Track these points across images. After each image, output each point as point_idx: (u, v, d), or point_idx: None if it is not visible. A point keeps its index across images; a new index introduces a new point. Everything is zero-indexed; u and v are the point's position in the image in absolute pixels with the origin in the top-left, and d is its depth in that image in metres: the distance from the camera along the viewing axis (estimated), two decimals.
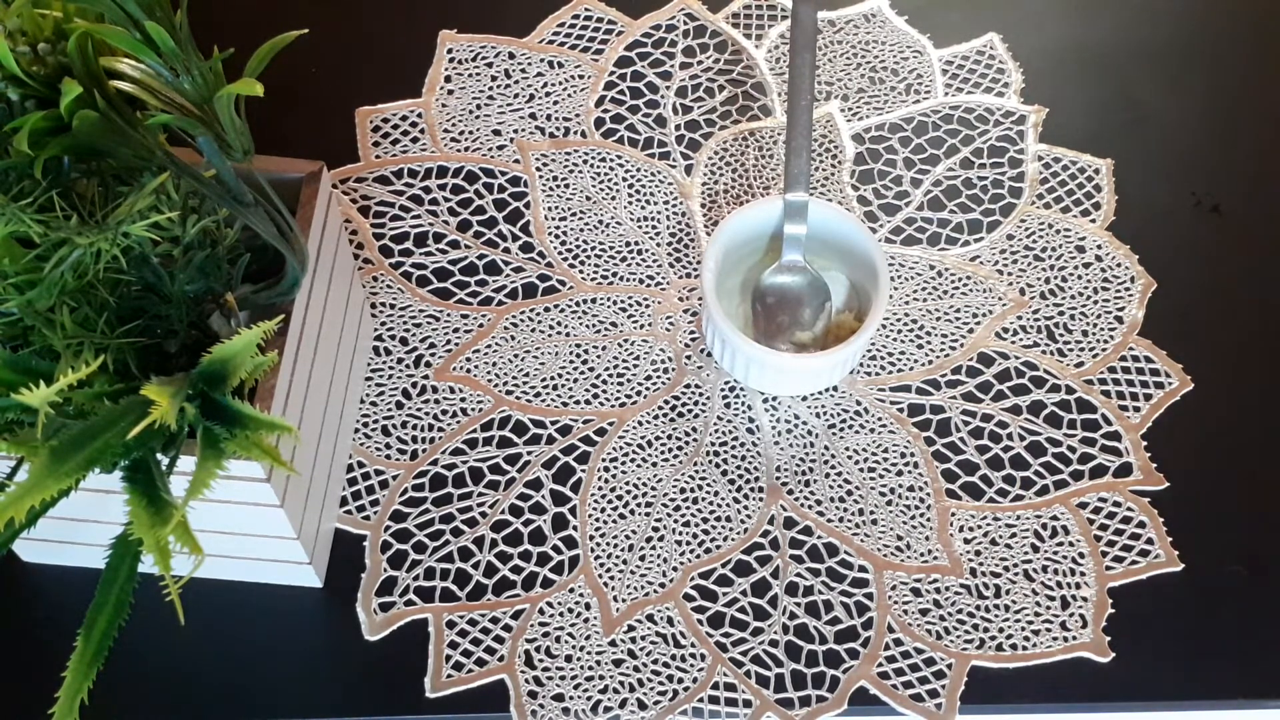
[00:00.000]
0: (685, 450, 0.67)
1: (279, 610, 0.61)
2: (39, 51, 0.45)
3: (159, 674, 0.59)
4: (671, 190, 0.76)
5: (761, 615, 0.62)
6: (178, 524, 0.44)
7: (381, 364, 0.69)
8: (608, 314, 0.71)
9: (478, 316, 0.70)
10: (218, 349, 0.46)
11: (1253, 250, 0.74)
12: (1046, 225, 0.74)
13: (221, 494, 0.47)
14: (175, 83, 0.47)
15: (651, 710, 0.59)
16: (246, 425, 0.46)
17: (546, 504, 0.65)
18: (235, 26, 0.58)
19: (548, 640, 0.61)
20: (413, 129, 0.77)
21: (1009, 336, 0.70)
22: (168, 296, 0.52)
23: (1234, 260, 0.74)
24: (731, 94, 0.80)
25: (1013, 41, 0.81)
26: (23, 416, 0.46)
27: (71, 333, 0.48)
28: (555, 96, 0.79)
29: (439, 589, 0.62)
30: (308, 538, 0.59)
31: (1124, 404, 0.68)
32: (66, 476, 0.43)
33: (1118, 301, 0.72)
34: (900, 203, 0.75)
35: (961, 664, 0.60)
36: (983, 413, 0.68)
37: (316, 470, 0.60)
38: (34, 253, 0.47)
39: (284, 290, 0.56)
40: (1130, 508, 0.65)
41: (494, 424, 0.67)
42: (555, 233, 0.74)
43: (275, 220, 0.54)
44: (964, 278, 0.73)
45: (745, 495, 0.65)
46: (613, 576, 0.63)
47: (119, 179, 0.51)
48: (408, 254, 0.73)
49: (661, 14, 0.83)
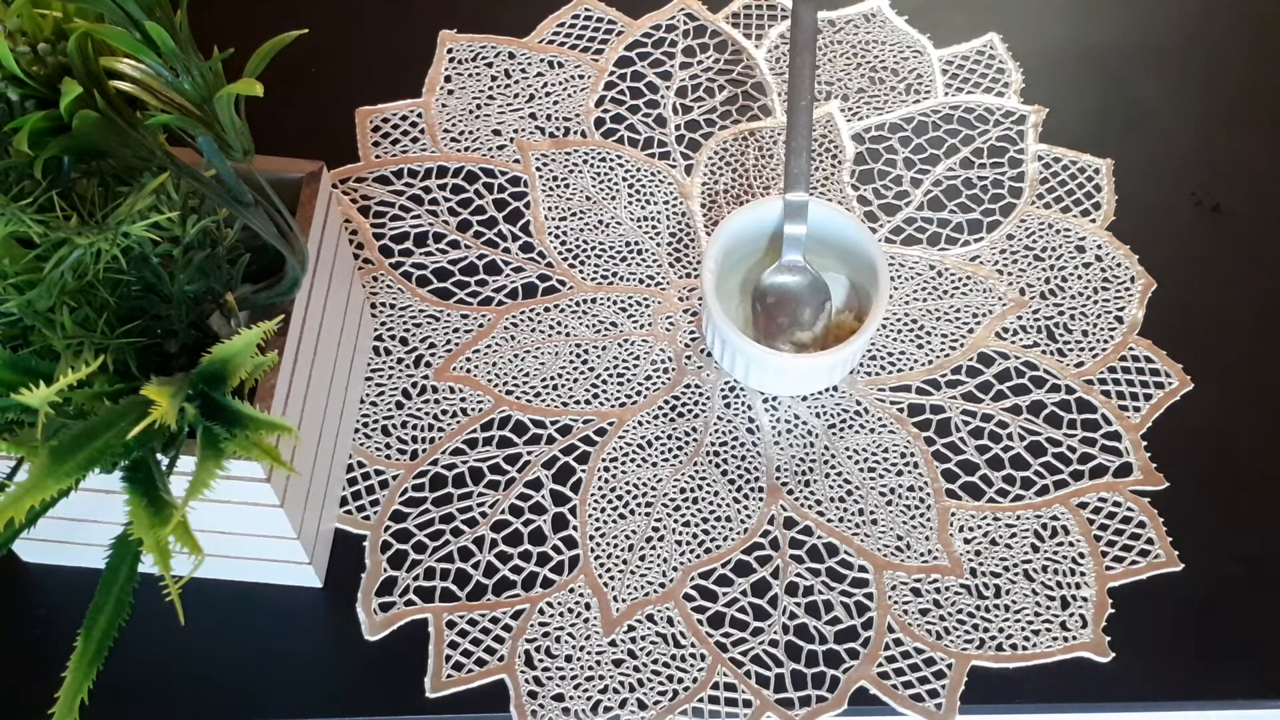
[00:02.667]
0: (685, 450, 0.67)
1: (279, 610, 0.61)
2: (39, 51, 0.45)
3: (159, 674, 0.59)
4: (671, 190, 0.76)
5: (761, 615, 0.62)
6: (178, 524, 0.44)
7: (381, 364, 0.69)
8: (608, 314, 0.71)
9: (478, 316, 0.70)
10: (218, 349, 0.46)
11: (1253, 250, 0.74)
12: (1046, 225, 0.74)
13: (221, 494, 0.47)
14: (175, 83, 0.47)
15: (651, 710, 0.59)
16: (246, 425, 0.46)
17: (546, 504, 0.65)
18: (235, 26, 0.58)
19: (548, 640, 0.61)
20: (413, 129, 0.77)
21: (1009, 336, 0.70)
22: (168, 296, 0.52)
23: (1234, 260, 0.74)
24: (731, 94, 0.80)
25: (1013, 41, 0.81)
26: (23, 416, 0.46)
27: (71, 333, 0.48)
28: (555, 96, 0.79)
29: (439, 589, 0.62)
30: (308, 538, 0.59)
31: (1124, 404, 0.68)
32: (66, 476, 0.43)
33: (1118, 301, 0.72)
34: (900, 203, 0.75)
35: (961, 664, 0.60)
36: (983, 413, 0.68)
37: (316, 470, 0.60)
38: (34, 253, 0.47)
39: (284, 290, 0.56)
40: (1130, 508, 0.65)
41: (494, 424, 0.67)
42: (555, 233, 0.74)
43: (275, 220, 0.54)
44: (964, 278, 0.73)
45: (745, 495, 0.65)
46: (613, 576, 0.63)
47: (119, 179, 0.51)
48: (408, 254, 0.73)
49: (661, 14, 0.83)
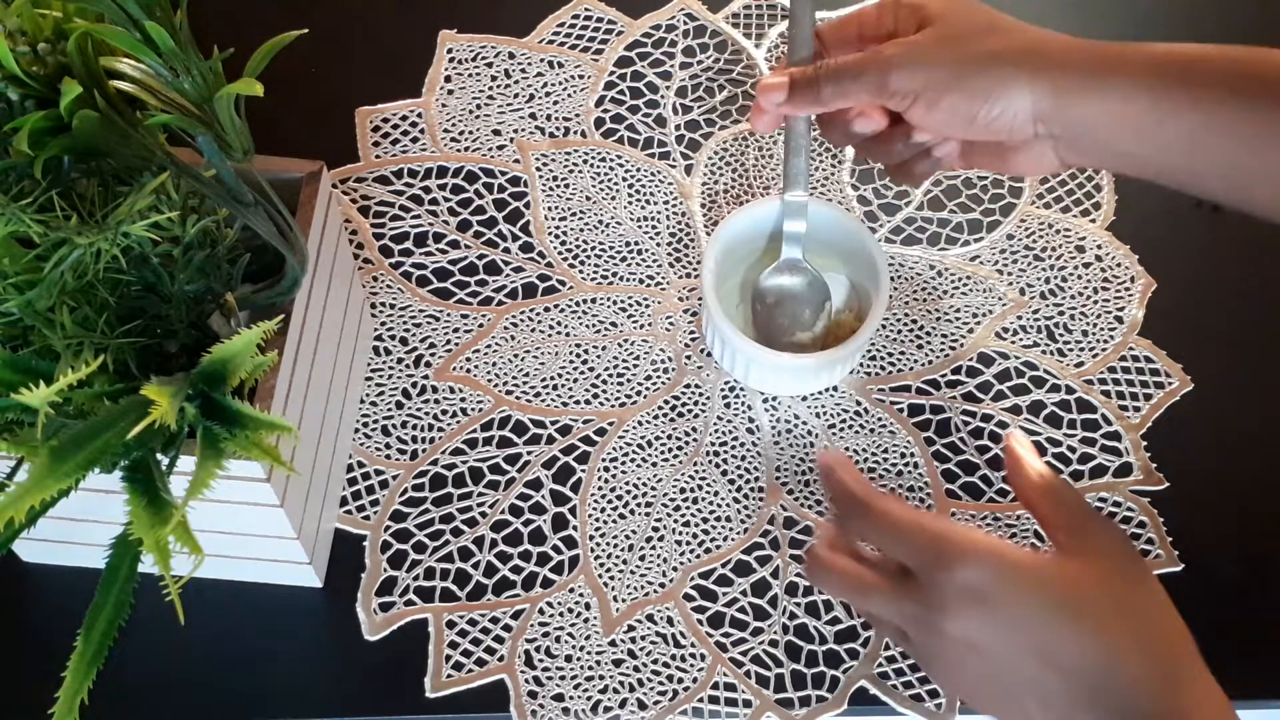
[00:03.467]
0: (685, 450, 0.67)
1: (279, 610, 0.61)
2: (39, 51, 0.45)
3: (159, 674, 0.59)
4: (671, 190, 0.76)
5: (761, 615, 0.62)
6: (177, 524, 0.44)
7: (381, 364, 0.69)
8: (608, 314, 0.71)
9: (478, 316, 0.70)
10: (218, 349, 0.46)
11: (1252, 250, 0.74)
12: (1046, 225, 0.75)
13: (221, 494, 0.47)
14: (175, 83, 0.47)
15: (651, 710, 0.59)
16: (246, 425, 0.46)
17: (546, 504, 0.65)
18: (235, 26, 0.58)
19: (548, 640, 0.61)
20: (413, 129, 0.77)
21: (1009, 336, 0.70)
22: (168, 296, 0.52)
23: (1234, 260, 0.74)
24: (731, 94, 0.80)
25: None
26: (23, 416, 0.46)
27: (71, 333, 0.48)
28: (555, 96, 0.79)
29: (439, 589, 0.62)
30: (308, 538, 0.59)
31: (1124, 404, 0.68)
32: (66, 476, 0.43)
33: (1118, 301, 0.72)
34: (900, 203, 0.75)
35: None
36: (983, 413, 0.68)
37: (316, 470, 0.60)
38: (34, 253, 0.47)
39: (284, 290, 0.56)
40: (1130, 507, 0.65)
41: (494, 424, 0.67)
42: (555, 233, 0.74)
43: (275, 220, 0.54)
44: (964, 278, 0.73)
45: (745, 495, 0.65)
46: (613, 576, 0.63)
47: (119, 179, 0.51)
48: (408, 254, 0.73)
49: (661, 14, 0.83)
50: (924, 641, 0.49)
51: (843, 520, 0.53)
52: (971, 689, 0.49)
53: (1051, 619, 0.47)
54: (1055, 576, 0.48)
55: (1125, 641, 0.47)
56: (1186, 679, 0.47)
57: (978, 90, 0.54)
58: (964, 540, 0.48)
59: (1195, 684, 0.47)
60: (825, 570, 0.52)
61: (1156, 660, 0.47)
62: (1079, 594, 0.47)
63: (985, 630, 0.47)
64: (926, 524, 0.49)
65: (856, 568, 0.51)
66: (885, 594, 0.50)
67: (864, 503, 0.51)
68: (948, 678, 0.52)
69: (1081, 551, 0.48)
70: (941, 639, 0.48)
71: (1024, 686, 0.47)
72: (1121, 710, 0.46)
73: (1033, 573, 0.47)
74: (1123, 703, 0.46)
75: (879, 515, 0.50)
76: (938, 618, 0.48)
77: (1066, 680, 0.47)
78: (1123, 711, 0.46)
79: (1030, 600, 0.47)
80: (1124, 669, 0.46)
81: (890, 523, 0.50)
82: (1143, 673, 0.46)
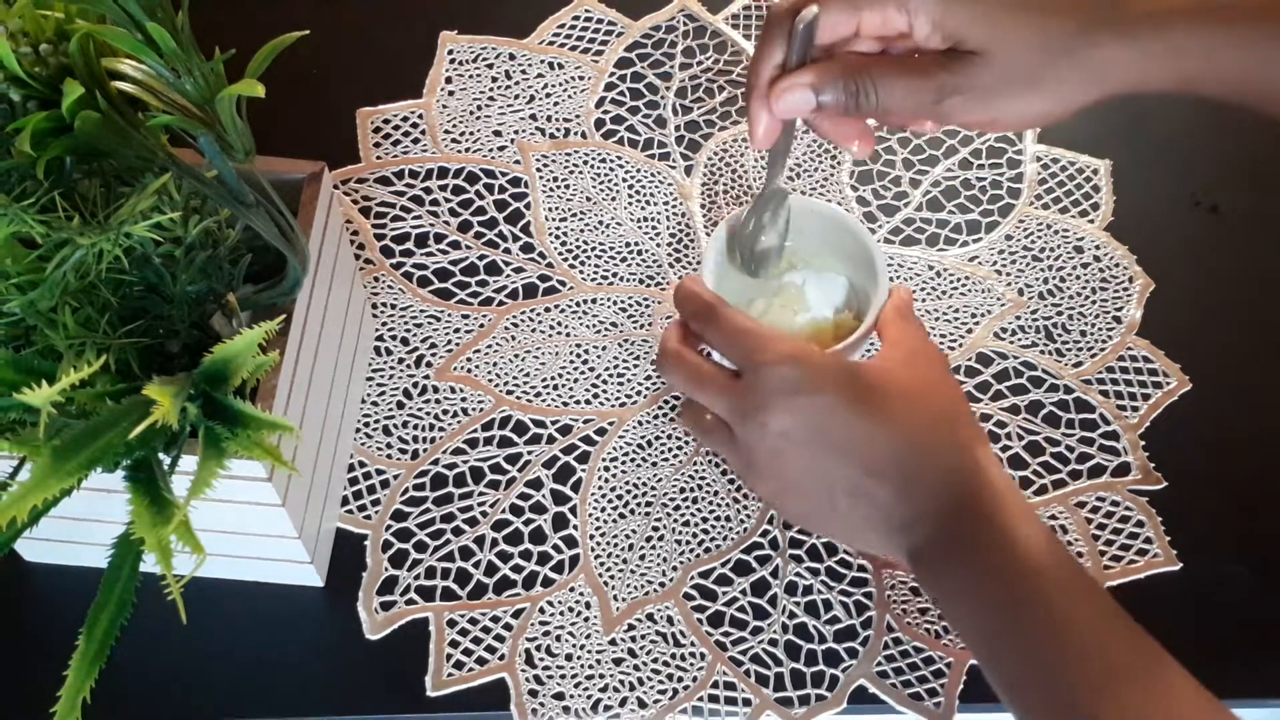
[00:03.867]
0: (685, 450, 0.67)
1: (280, 609, 0.61)
2: (41, 52, 0.45)
3: (161, 673, 0.59)
4: (671, 191, 0.76)
5: (761, 614, 0.62)
6: (179, 523, 0.44)
7: (382, 364, 0.69)
8: (608, 314, 0.71)
9: (478, 317, 0.71)
10: (219, 349, 0.47)
11: (1252, 250, 0.74)
12: (1045, 225, 0.75)
13: (223, 493, 0.47)
14: (177, 83, 0.47)
15: (651, 709, 0.59)
16: (248, 425, 0.47)
17: (547, 503, 0.65)
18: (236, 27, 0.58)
19: (548, 639, 0.61)
20: (413, 130, 0.78)
21: (1007, 336, 0.71)
22: (169, 297, 0.52)
23: (1233, 260, 0.74)
24: (731, 94, 0.80)
25: None
26: (25, 416, 0.46)
27: (74, 333, 0.48)
28: (555, 97, 0.79)
29: (440, 588, 0.62)
30: (309, 537, 0.59)
31: (1122, 404, 0.68)
32: (69, 476, 0.43)
33: (1116, 301, 0.72)
34: (899, 203, 0.75)
35: (961, 663, 0.61)
36: (981, 412, 0.68)
37: (318, 470, 0.60)
38: (36, 253, 0.47)
39: (285, 290, 0.56)
40: (1129, 507, 0.65)
41: (494, 424, 0.67)
42: (555, 233, 0.74)
43: (277, 221, 0.54)
44: (963, 278, 0.73)
45: (745, 495, 0.65)
46: (613, 576, 0.63)
47: (121, 179, 0.51)
48: (409, 254, 0.73)
49: (661, 15, 0.83)
50: (745, 437, 0.55)
51: (690, 323, 0.58)
52: (785, 487, 0.55)
53: (852, 415, 0.53)
54: (856, 371, 0.54)
55: (918, 420, 0.54)
56: (974, 439, 0.54)
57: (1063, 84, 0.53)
58: (786, 343, 0.54)
59: (978, 443, 0.54)
60: (672, 362, 0.58)
61: (946, 428, 0.54)
62: (879, 387, 0.54)
63: (796, 423, 0.53)
64: (759, 330, 0.55)
65: (698, 360, 0.57)
66: (717, 386, 0.56)
67: (709, 307, 0.57)
68: (765, 476, 0.56)
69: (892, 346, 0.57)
70: (761, 432, 0.54)
71: (832, 480, 0.53)
72: (922, 482, 0.53)
73: (838, 369, 0.54)
74: (923, 475, 0.53)
75: (721, 320, 0.56)
76: (755, 410, 0.54)
77: (870, 474, 0.53)
78: (924, 483, 0.53)
79: (833, 396, 0.53)
80: (921, 452, 0.53)
81: (730, 327, 0.56)
82: (936, 440, 0.54)
